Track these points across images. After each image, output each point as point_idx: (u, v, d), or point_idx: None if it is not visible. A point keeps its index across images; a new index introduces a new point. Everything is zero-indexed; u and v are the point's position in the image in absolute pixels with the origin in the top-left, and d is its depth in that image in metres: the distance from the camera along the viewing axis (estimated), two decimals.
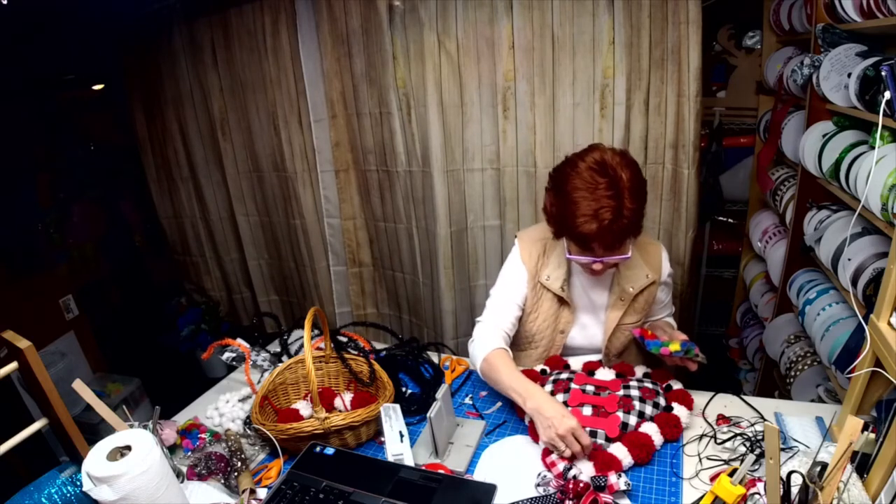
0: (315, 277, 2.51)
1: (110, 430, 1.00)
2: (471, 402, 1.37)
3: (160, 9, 2.38)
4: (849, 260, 1.32)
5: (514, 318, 1.41)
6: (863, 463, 0.90)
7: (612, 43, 1.73)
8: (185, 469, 1.15)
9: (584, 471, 1.05)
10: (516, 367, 1.27)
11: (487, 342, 1.33)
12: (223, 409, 1.34)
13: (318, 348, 1.45)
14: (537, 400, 1.15)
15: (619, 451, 1.09)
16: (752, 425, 1.17)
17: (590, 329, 1.43)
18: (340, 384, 1.42)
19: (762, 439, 1.10)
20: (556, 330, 1.42)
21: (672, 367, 1.32)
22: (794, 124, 1.85)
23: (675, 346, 1.20)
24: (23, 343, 0.90)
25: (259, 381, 1.42)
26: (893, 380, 0.88)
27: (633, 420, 1.15)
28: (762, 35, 2.24)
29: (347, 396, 1.35)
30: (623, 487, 1.00)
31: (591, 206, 1.15)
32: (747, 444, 1.11)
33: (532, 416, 1.15)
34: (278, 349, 1.56)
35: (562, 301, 1.39)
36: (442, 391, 1.17)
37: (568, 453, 1.07)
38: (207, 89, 2.44)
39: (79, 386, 1.04)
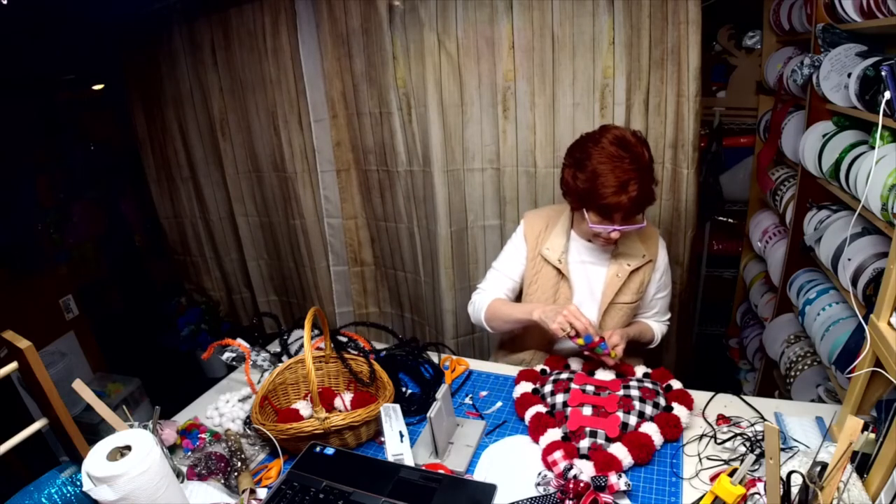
0: (315, 277, 2.51)
1: (110, 430, 1.00)
2: (471, 402, 1.37)
3: (160, 9, 2.38)
4: (849, 260, 1.32)
5: (508, 290, 1.53)
6: (863, 463, 0.90)
7: (612, 43, 1.73)
8: (185, 469, 1.15)
9: (585, 471, 1.05)
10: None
11: (484, 301, 1.51)
12: (223, 409, 1.34)
13: (318, 348, 1.44)
14: (539, 308, 1.34)
15: (619, 451, 1.09)
16: (752, 425, 1.17)
17: (585, 307, 1.44)
18: (340, 384, 1.42)
19: (762, 439, 1.10)
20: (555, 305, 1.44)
21: (670, 367, 1.33)
22: (794, 124, 1.85)
23: (580, 340, 1.28)
24: (23, 343, 0.90)
25: (259, 381, 1.42)
26: (893, 380, 0.88)
27: (633, 420, 1.15)
28: (762, 35, 2.24)
29: (347, 396, 1.35)
30: (623, 487, 1.00)
31: (619, 177, 1.23)
32: (747, 444, 1.11)
33: (542, 322, 1.31)
34: (278, 349, 1.56)
35: (560, 275, 1.43)
36: (442, 391, 1.17)
37: (579, 326, 1.24)
38: (207, 89, 2.44)
39: (79, 386, 1.04)
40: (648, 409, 1.18)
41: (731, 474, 0.92)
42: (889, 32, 1.33)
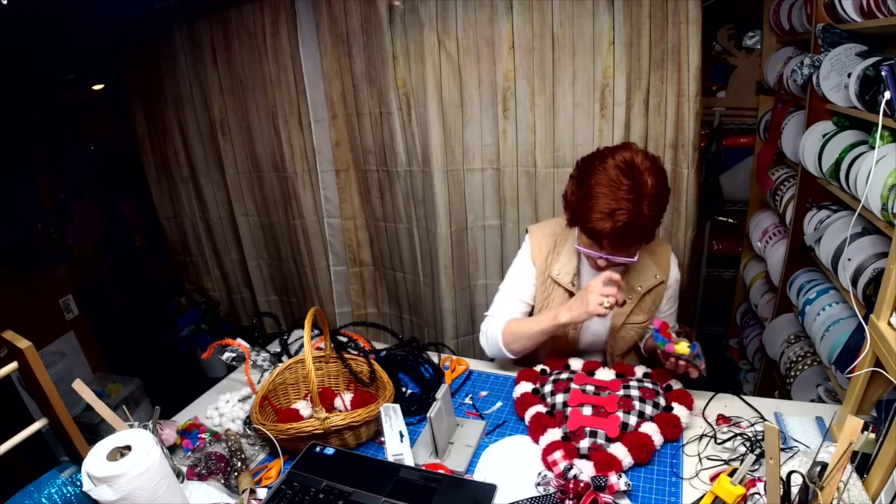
0: (315, 277, 2.51)
1: (110, 430, 1.00)
2: (471, 402, 1.37)
3: (160, 9, 2.38)
4: (849, 260, 1.32)
5: (520, 313, 1.44)
6: (863, 463, 0.90)
7: (612, 43, 1.73)
8: (185, 469, 1.15)
9: (585, 471, 1.05)
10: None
11: (497, 326, 1.41)
12: (223, 409, 1.34)
13: (318, 348, 1.44)
14: (563, 312, 1.27)
15: (619, 451, 1.09)
16: (752, 425, 1.17)
17: (595, 325, 1.43)
18: (340, 384, 1.42)
19: (762, 439, 1.10)
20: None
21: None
22: (794, 124, 1.85)
23: (683, 349, 1.18)
24: (23, 343, 0.90)
25: (259, 381, 1.42)
26: (893, 380, 0.88)
27: (633, 420, 1.15)
28: (762, 35, 2.24)
29: (347, 396, 1.35)
30: (623, 487, 1.00)
31: (609, 204, 1.15)
32: (747, 444, 1.11)
33: (575, 320, 1.26)
34: (278, 349, 1.56)
35: (571, 296, 1.39)
36: (442, 391, 1.17)
37: (614, 299, 1.19)
38: (207, 89, 2.44)
39: (79, 386, 1.04)
40: (648, 409, 1.18)
41: (731, 474, 0.91)
42: (889, 32, 1.33)
